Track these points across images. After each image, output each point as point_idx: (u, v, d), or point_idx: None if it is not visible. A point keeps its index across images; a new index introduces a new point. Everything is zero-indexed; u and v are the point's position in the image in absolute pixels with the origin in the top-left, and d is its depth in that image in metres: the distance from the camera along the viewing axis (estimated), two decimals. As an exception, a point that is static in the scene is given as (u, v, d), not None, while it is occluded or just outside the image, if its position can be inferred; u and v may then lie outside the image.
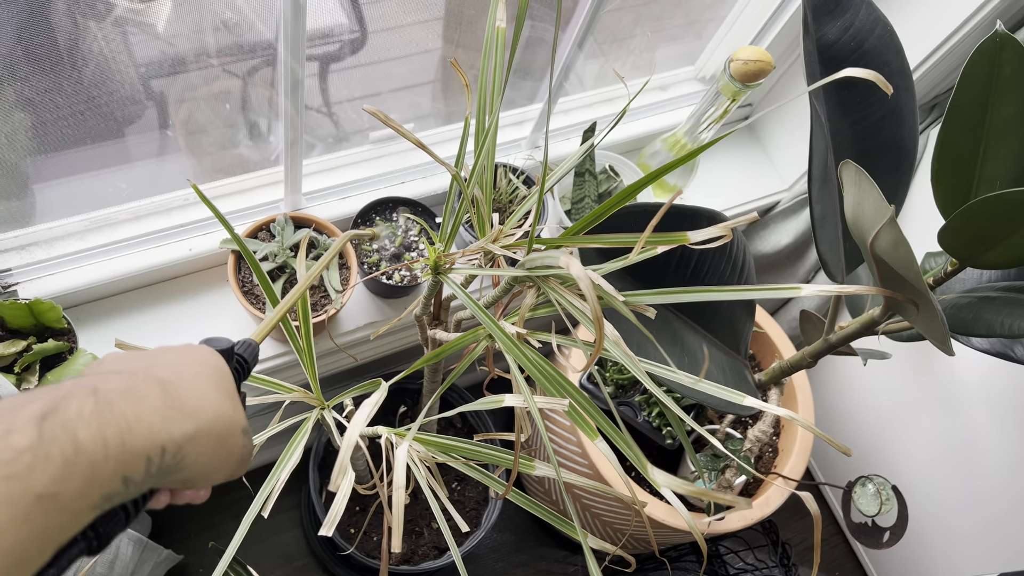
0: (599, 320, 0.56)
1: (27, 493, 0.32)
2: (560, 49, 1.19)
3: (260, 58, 1.04)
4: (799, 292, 0.68)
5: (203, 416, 0.43)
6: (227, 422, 0.46)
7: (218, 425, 0.45)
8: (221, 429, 0.45)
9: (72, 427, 0.35)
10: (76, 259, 1.07)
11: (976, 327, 0.73)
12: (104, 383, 0.39)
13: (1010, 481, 1.39)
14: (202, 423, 0.43)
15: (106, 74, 0.96)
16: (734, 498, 0.59)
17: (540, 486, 1.56)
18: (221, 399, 0.46)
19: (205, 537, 1.51)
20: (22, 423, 0.34)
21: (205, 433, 0.43)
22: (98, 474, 0.36)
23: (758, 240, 1.58)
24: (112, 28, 0.92)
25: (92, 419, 0.36)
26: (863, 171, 0.64)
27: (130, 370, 0.45)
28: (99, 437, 0.36)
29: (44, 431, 0.34)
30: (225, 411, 0.46)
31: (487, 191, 0.87)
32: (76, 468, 0.34)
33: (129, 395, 0.39)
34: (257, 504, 0.80)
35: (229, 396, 0.48)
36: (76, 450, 0.35)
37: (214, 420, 0.44)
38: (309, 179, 1.21)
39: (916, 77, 1.28)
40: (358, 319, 1.21)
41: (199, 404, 0.44)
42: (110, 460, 0.36)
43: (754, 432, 1.10)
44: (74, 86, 0.94)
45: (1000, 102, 0.75)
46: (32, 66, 0.89)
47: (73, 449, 0.35)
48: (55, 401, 0.36)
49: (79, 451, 0.35)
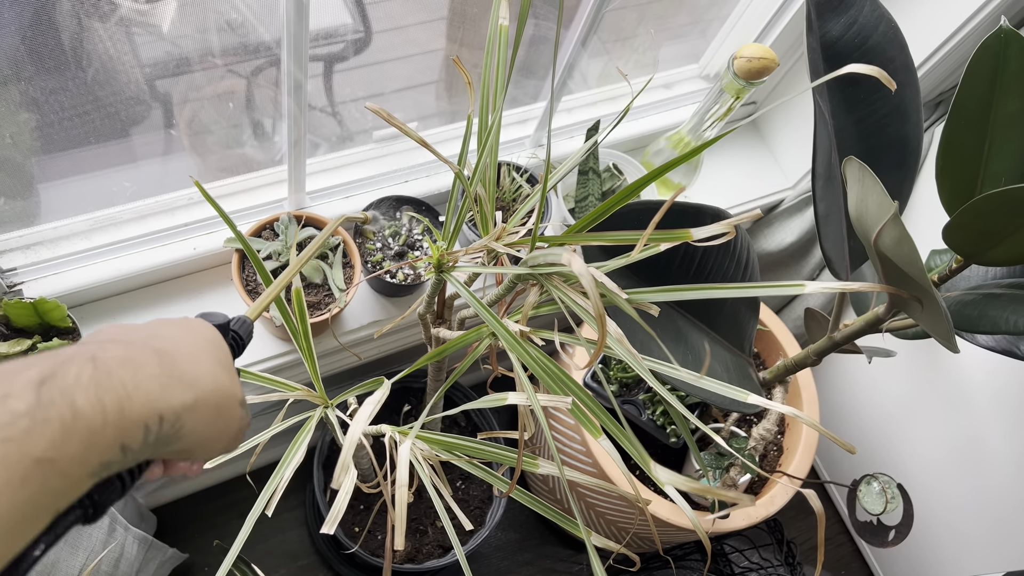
0: (601, 317, 0.56)
1: (25, 456, 0.32)
2: (563, 47, 1.19)
3: (264, 58, 1.04)
4: (803, 289, 0.68)
5: (201, 386, 0.43)
6: (225, 393, 0.46)
7: (216, 396, 0.45)
8: (219, 400, 0.45)
9: (70, 393, 0.35)
10: (81, 258, 1.08)
11: (981, 324, 0.73)
12: (103, 351, 0.38)
13: (1016, 480, 1.39)
14: (200, 393, 0.43)
15: (111, 74, 0.97)
16: (737, 495, 0.59)
17: (545, 485, 1.56)
18: (218, 370, 0.46)
19: (210, 536, 1.51)
20: (20, 388, 0.34)
21: (203, 403, 0.43)
22: (96, 440, 0.35)
23: (762, 238, 1.58)
24: (117, 28, 0.93)
25: (90, 385, 0.36)
26: (867, 167, 0.64)
27: (128, 339, 0.45)
28: (97, 404, 0.36)
29: (42, 396, 0.34)
30: (223, 382, 0.46)
31: (490, 189, 0.87)
32: (74, 434, 0.34)
33: (128, 363, 0.39)
34: (261, 502, 0.80)
35: (226, 368, 0.48)
36: (74, 415, 0.34)
37: (212, 390, 0.44)
38: (313, 178, 1.21)
39: (920, 74, 1.28)
40: (362, 318, 1.21)
41: (197, 374, 0.44)
42: (108, 427, 0.36)
43: (758, 430, 1.09)
44: (79, 86, 0.95)
45: (1005, 98, 0.74)
46: (36, 66, 0.89)
47: (71, 414, 0.34)
48: (54, 367, 0.36)
49: (77, 416, 0.35)
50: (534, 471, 0.82)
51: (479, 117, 0.77)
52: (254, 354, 1.15)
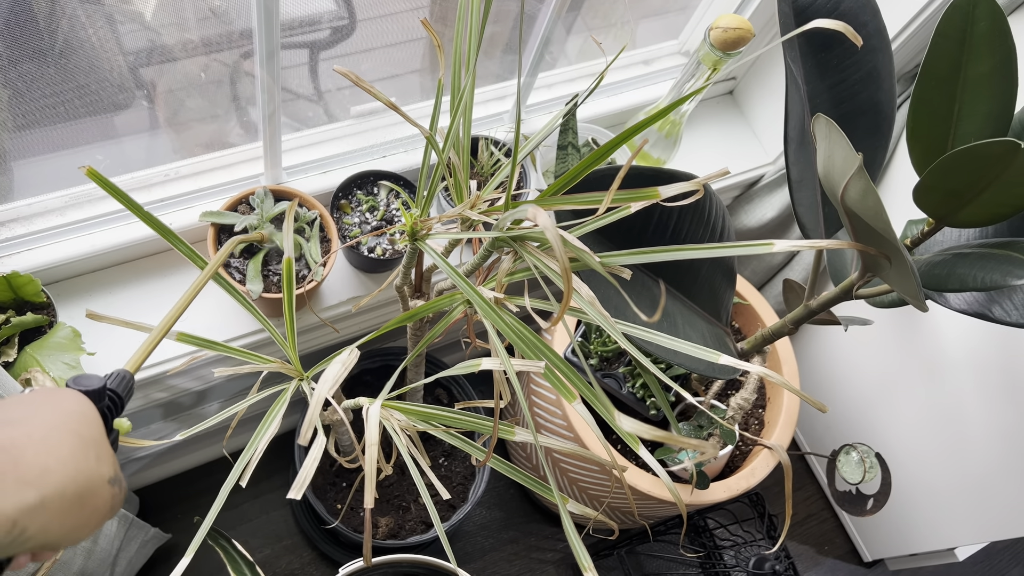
0: (567, 271, 0.56)
1: None
2: (540, 19, 1.19)
3: (237, 28, 1.03)
4: (771, 248, 0.68)
5: (51, 480, 0.40)
6: (87, 477, 0.42)
7: (75, 484, 0.41)
8: (78, 488, 0.42)
9: None
10: (55, 234, 1.07)
11: (949, 282, 0.73)
12: None
13: (997, 449, 1.40)
14: (50, 489, 0.40)
15: (84, 47, 0.96)
16: (701, 443, 0.59)
17: (528, 462, 1.56)
18: (79, 453, 0.43)
19: (193, 517, 1.51)
20: None
21: (55, 498, 0.40)
22: None
23: (743, 214, 1.58)
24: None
25: None
26: (833, 123, 0.64)
27: None
28: None
29: None
30: (84, 467, 0.42)
31: (464, 157, 0.87)
32: None
33: None
34: (236, 472, 0.80)
35: (92, 445, 0.44)
36: None
37: (68, 480, 0.41)
38: (290, 154, 1.20)
39: (896, 46, 1.28)
40: (341, 294, 1.21)
41: (47, 465, 0.40)
42: None
43: (736, 400, 1.10)
44: (53, 61, 0.94)
45: (974, 59, 0.74)
46: (6, 39, 0.88)
47: None
48: None
49: None
50: (511, 439, 0.82)
51: (452, 76, 0.77)
52: (229, 332, 1.15)
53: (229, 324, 1.15)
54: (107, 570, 1.17)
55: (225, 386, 1.35)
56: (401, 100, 1.31)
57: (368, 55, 1.25)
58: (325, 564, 1.55)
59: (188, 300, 0.69)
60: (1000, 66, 0.73)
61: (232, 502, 1.57)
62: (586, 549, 0.73)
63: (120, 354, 1.08)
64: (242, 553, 1.11)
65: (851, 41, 0.65)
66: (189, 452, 1.52)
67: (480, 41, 0.74)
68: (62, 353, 0.96)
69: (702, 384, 1.28)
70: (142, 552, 1.32)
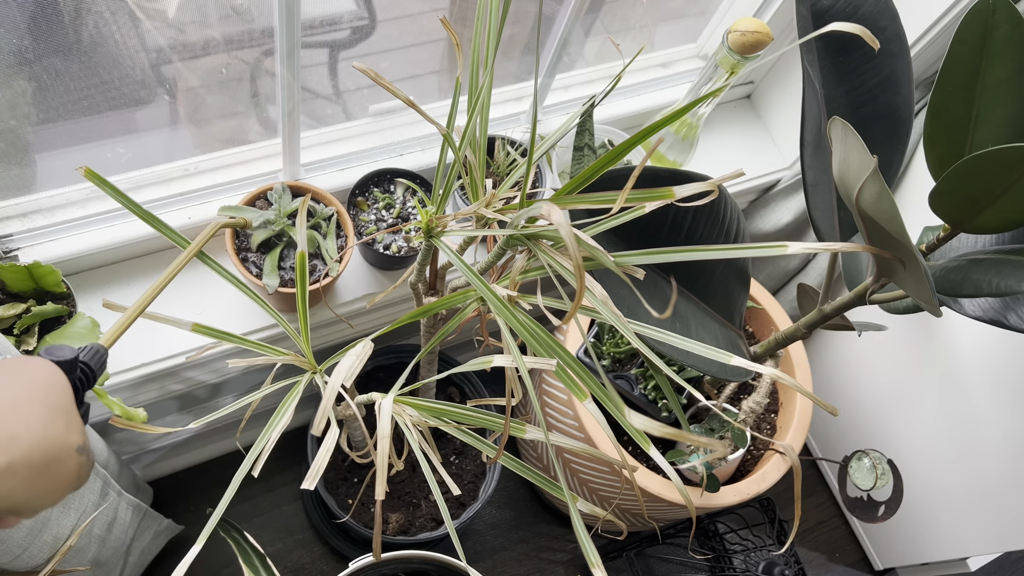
0: (579, 268, 0.56)
1: None
2: (558, 21, 1.19)
3: (258, 26, 1.04)
4: (785, 250, 0.68)
5: (20, 445, 0.40)
6: (55, 444, 0.43)
7: (42, 451, 0.41)
8: (46, 454, 0.42)
9: None
10: (76, 225, 1.09)
11: (964, 288, 0.73)
12: None
13: (1012, 458, 1.39)
14: (17, 453, 0.40)
15: (107, 43, 0.97)
16: (709, 440, 0.60)
17: (540, 461, 1.56)
18: (48, 420, 0.43)
19: (206, 509, 1.53)
20: None
21: (22, 463, 0.40)
22: None
23: (759, 219, 1.58)
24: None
25: None
26: (849, 127, 0.64)
27: None
28: None
29: None
30: (52, 433, 0.43)
31: (480, 155, 0.88)
32: None
33: None
34: (248, 462, 0.81)
35: (61, 414, 0.44)
36: None
37: (36, 446, 0.41)
38: (309, 151, 1.22)
39: (915, 52, 1.27)
40: (356, 290, 1.22)
41: (15, 431, 0.40)
42: None
43: (748, 403, 1.10)
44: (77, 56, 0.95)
45: (993, 64, 0.74)
46: (33, 34, 0.90)
47: None
48: None
49: None
50: (522, 436, 0.83)
51: (470, 75, 0.77)
52: (245, 326, 1.16)
53: (247, 318, 1.17)
54: (120, 559, 1.18)
55: (240, 380, 1.36)
56: (419, 100, 1.32)
57: (387, 55, 1.26)
58: (335, 559, 1.56)
59: (166, 281, 0.70)
60: (1018, 71, 0.73)
61: (245, 495, 1.58)
62: (596, 549, 0.74)
63: (137, 344, 1.10)
64: (253, 545, 1.12)
65: (869, 45, 0.65)
66: (203, 444, 1.54)
67: (498, 41, 0.74)
68: (81, 342, 0.97)
69: (714, 387, 1.27)
70: (155, 543, 1.33)
